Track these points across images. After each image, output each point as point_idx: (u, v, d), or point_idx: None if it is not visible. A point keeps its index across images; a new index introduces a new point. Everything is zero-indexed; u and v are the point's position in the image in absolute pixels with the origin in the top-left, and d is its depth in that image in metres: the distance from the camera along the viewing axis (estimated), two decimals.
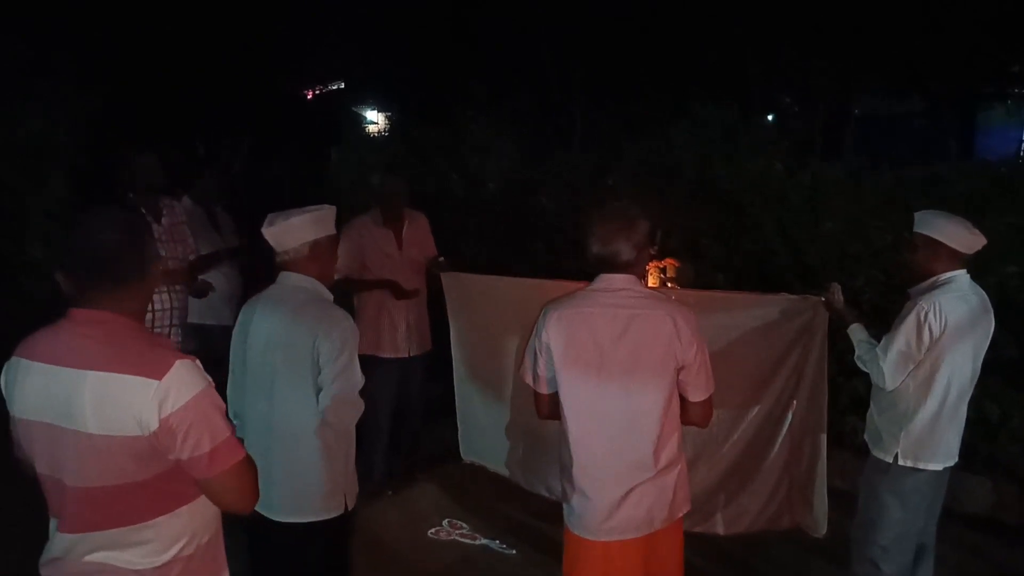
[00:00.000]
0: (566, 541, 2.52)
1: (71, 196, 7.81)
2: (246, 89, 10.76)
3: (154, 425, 1.62)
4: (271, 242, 2.61)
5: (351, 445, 2.74)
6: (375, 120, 12.84)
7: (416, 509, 4.49)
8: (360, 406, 2.64)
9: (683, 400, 2.43)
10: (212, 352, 3.58)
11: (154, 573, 1.71)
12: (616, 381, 2.35)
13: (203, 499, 1.78)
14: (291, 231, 2.60)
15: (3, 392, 1.77)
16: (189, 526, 1.76)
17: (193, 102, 9.69)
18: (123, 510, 1.68)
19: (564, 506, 2.52)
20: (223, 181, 5.35)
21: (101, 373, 1.63)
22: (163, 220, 4.09)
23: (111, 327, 1.69)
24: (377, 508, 4.42)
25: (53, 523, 1.76)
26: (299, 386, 2.55)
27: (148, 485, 1.68)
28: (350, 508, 2.73)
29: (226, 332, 4.47)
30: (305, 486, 2.61)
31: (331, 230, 2.70)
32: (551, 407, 2.52)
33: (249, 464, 1.78)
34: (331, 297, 2.69)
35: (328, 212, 2.69)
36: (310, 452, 2.59)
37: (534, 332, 2.49)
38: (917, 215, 3.01)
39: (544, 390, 2.51)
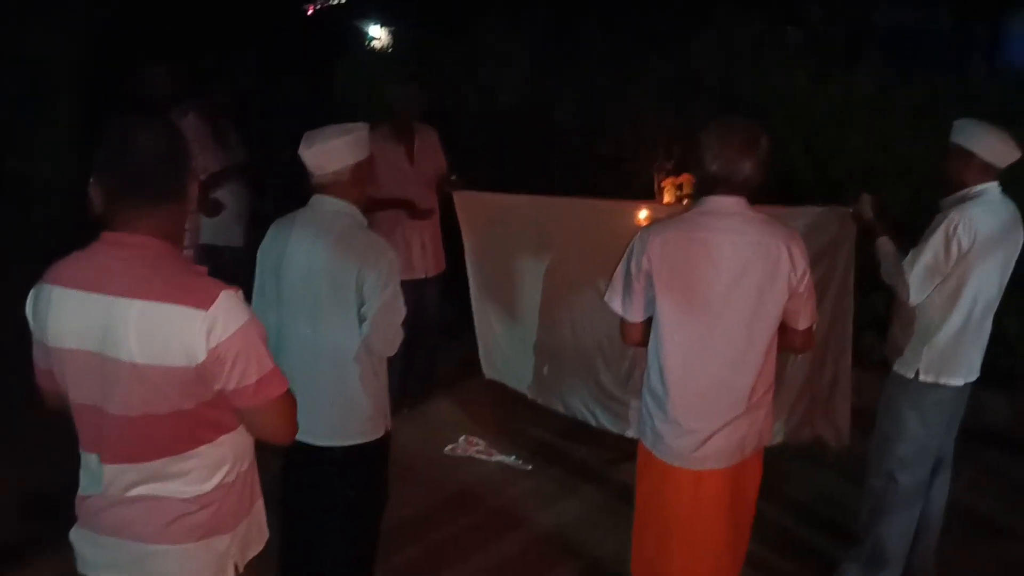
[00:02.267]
0: (647, 466, 2.48)
1: (79, 112, 7.71)
2: (248, 3, 10.45)
3: (202, 356, 1.58)
4: (309, 164, 2.50)
5: (386, 371, 2.73)
6: (378, 35, 12.46)
7: (432, 426, 4.54)
8: (402, 335, 2.61)
9: (785, 327, 2.35)
10: (222, 274, 3.57)
11: (198, 501, 1.70)
12: (732, 317, 2.26)
13: (242, 428, 1.77)
14: (333, 153, 2.48)
15: (31, 320, 1.71)
16: (230, 454, 1.75)
17: (198, 16, 9.44)
18: (167, 439, 1.66)
19: (644, 430, 2.46)
20: (229, 95, 5.21)
21: (146, 302, 1.57)
22: None
23: (151, 252, 1.63)
24: (394, 426, 4.44)
25: (89, 457, 1.73)
26: (344, 314, 2.51)
27: (192, 414, 1.65)
28: (388, 429, 2.75)
29: (235, 253, 4.46)
30: (351, 410, 2.61)
31: (369, 152, 2.60)
32: (643, 334, 2.43)
33: (290, 396, 1.77)
34: (366, 223, 2.62)
35: (365, 131, 2.58)
36: (356, 377, 2.58)
37: (627, 256, 2.36)
38: (955, 124, 2.90)
39: (638, 318, 2.40)
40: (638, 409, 2.57)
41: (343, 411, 2.60)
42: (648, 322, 2.41)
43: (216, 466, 1.73)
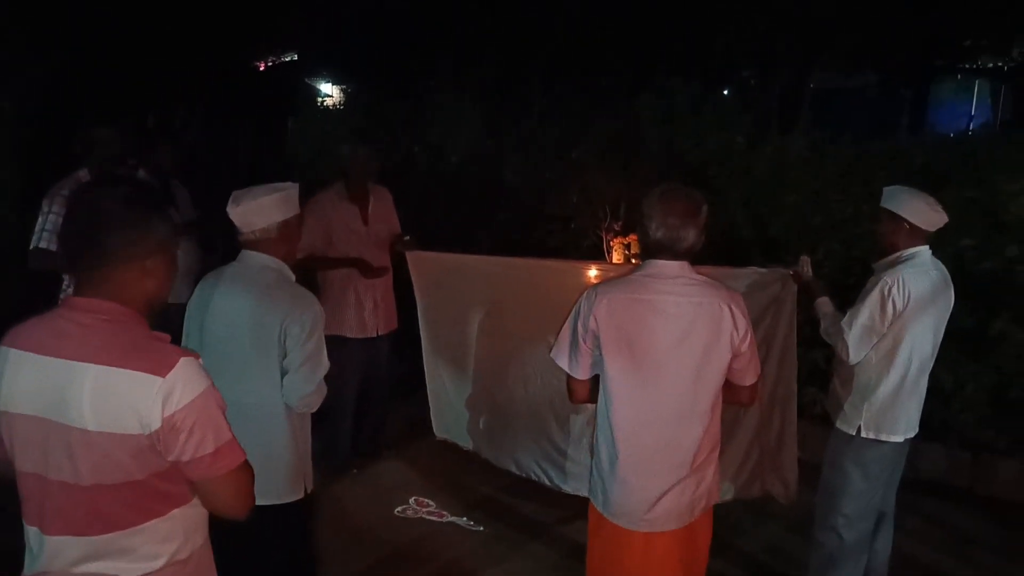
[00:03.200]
0: (598, 528, 2.48)
1: (16, 168, 7.54)
2: (197, 59, 10.45)
3: (156, 424, 1.55)
4: (237, 222, 2.51)
5: (308, 428, 2.70)
6: (330, 93, 12.58)
7: (382, 487, 4.46)
8: (324, 391, 2.59)
9: (731, 383, 2.39)
10: (171, 331, 3.50)
11: None
12: (677, 376, 2.29)
13: (195, 501, 1.71)
14: (260, 211, 2.50)
15: None
16: (180, 529, 1.69)
17: (144, 73, 9.39)
18: (115, 512, 1.60)
19: (595, 492, 2.47)
20: (177, 153, 5.20)
21: (101, 367, 1.54)
22: None
23: (110, 318, 1.59)
24: (343, 486, 4.39)
25: (30, 531, 1.66)
26: (267, 369, 2.49)
27: (142, 485, 1.60)
28: (309, 491, 2.71)
29: (183, 310, 4.39)
30: (271, 469, 2.54)
31: (297, 209, 2.62)
32: (590, 392, 2.45)
33: (248, 467, 1.72)
34: (294, 278, 2.62)
35: (294, 190, 2.61)
36: (278, 435, 2.55)
37: (573, 315, 2.39)
38: (885, 190, 3.04)
39: (584, 376, 2.42)
40: (589, 467, 2.58)
41: (263, 470, 2.55)
42: (595, 380, 2.43)
43: (165, 541, 1.66)
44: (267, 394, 2.51)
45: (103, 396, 1.54)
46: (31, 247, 3.92)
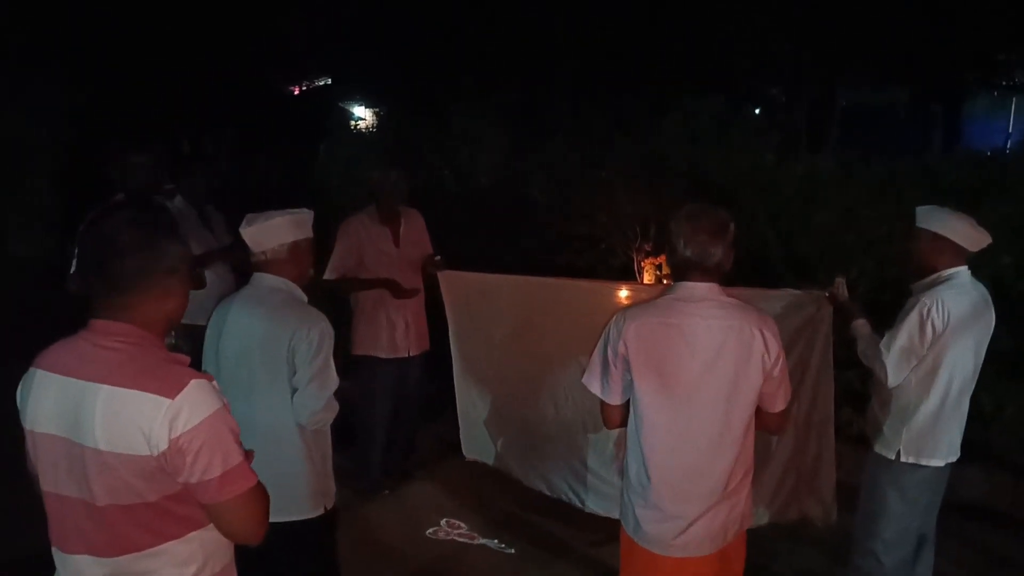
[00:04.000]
0: (630, 553, 2.45)
1: (54, 194, 7.72)
2: (232, 85, 10.65)
3: (164, 445, 1.56)
4: (249, 242, 2.59)
5: (327, 445, 2.73)
6: (363, 116, 12.74)
7: (414, 508, 4.47)
8: (335, 408, 2.63)
9: (760, 410, 2.37)
10: (200, 353, 3.55)
11: None
12: (708, 400, 2.27)
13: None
14: (271, 232, 2.59)
15: (19, 404, 1.71)
16: (200, 552, 1.69)
17: (178, 99, 9.57)
18: (131, 533, 1.62)
19: (626, 517, 2.45)
20: (211, 178, 5.29)
21: (113, 388, 1.57)
22: None
23: (129, 340, 1.62)
24: (374, 507, 4.39)
25: (55, 551, 1.69)
26: (278, 387, 2.54)
27: (157, 507, 1.61)
28: (328, 508, 2.73)
29: None
30: (284, 487, 2.57)
31: (309, 233, 2.71)
32: (622, 416, 2.44)
33: (260, 491, 1.71)
34: (305, 298, 2.69)
35: (307, 215, 2.70)
36: (290, 453, 2.59)
37: (603, 339, 2.39)
38: (919, 210, 3.00)
39: (617, 401, 2.41)
40: (620, 489, 2.57)
41: (276, 487, 2.57)
42: (627, 404, 2.42)
43: (184, 564, 1.67)
44: (278, 412, 2.56)
45: (113, 416, 1.57)
46: (71, 271, 4.01)
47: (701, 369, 2.26)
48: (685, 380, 2.27)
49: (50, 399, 1.63)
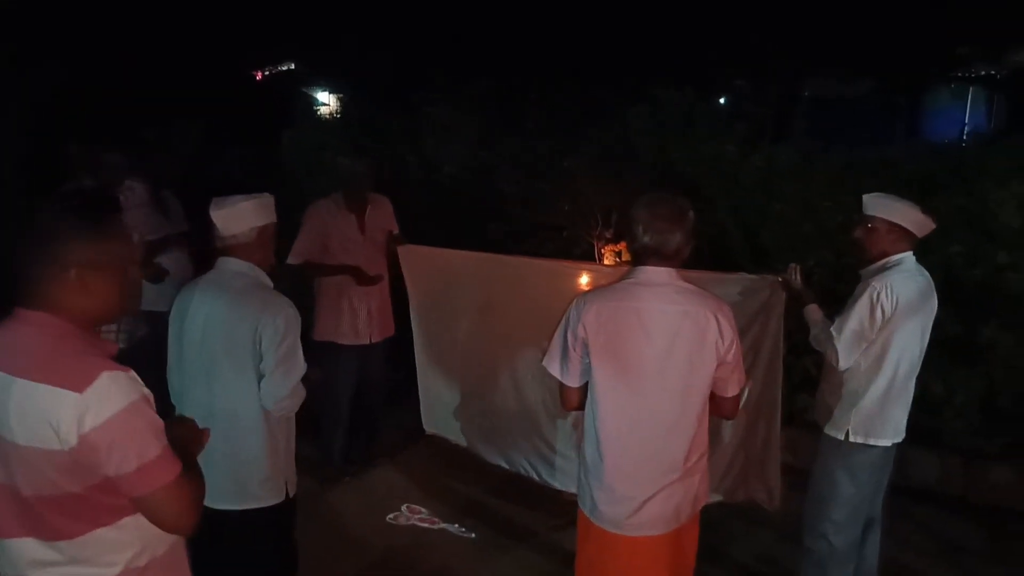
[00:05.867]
0: (585, 532, 2.50)
1: (18, 185, 7.57)
2: (195, 72, 10.48)
3: (73, 441, 1.52)
4: (219, 225, 2.58)
5: (291, 432, 2.74)
6: (326, 102, 12.61)
7: (375, 494, 4.48)
8: (302, 394, 2.63)
9: (713, 395, 2.42)
10: (163, 340, 3.51)
11: None
12: (662, 384, 2.32)
13: None
14: (240, 215, 2.59)
15: None
16: (137, 538, 1.67)
17: (141, 85, 9.42)
18: (59, 522, 1.59)
19: (583, 497, 2.49)
20: (172, 166, 5.23)
21: (24, 381, 1.53)
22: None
23: (48, 329, 1.58)
24: (336, 494, 4.40)
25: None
26: (241, 372, 2.53)
27: (83, 497, 1.58)
28: (291, 495, 2.73)
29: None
30: (246, 473, 2.59)
31: (274, 217, 2.71)
32: (581, 399, 2.48)
33: (183, 483, 1.66)
34: (271, 284, 2.68)
35: (270, 200, 2.71)
36: (252, 438, 2.58)
37: (564, 323, 2.43)
38: (867, 198, 3.07)
39: (575, 384, 2.45)
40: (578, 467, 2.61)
41: (237, 474, 2.58)
42: (586, 387, 2.46)
43: (119, 549, 1.65)
44: (241, 398, 2.55)
45: (25, 411, 1.53)
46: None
47: (657, 353, 2.30)
48: (641, 364, 2.32)
49: None
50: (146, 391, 1.63)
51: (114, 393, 1.54)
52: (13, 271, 1.63)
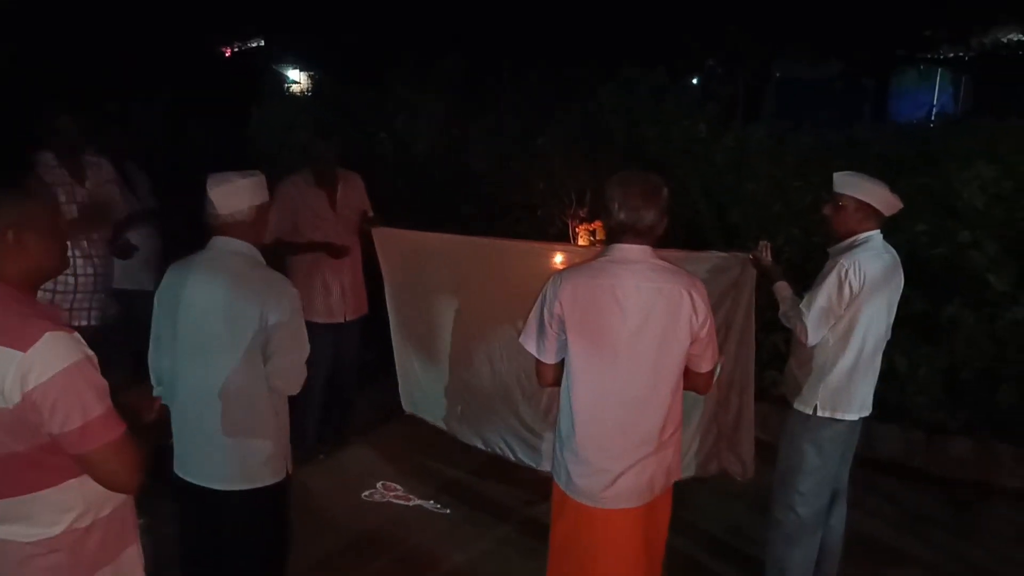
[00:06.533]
0: (561, 506, 2.53)
1: None
2: (161, 45, 10.28)
3: (16, 398, 1.55)
4: (217, 202, 2.52)
5: (287, 409, 2.73)
6: (297, 80, 12.46)
7: (349, 472, 4.48)
8: (305, 373, 2.63)
9: (688, 370, 2.46)
10: (133, 319, 3.46)
11: (45, 545, 1.67)
12: (636, 360, 2.35)
13: None
14: (238, 192, 2.53)
15: None
16: (80, 498, 1.71)
17: (106, 58, 9.22)
18: (3, 481, 1.63)
19: (558, 470, 2.52)
20: (133, 139, 5.14)
21: None
22: (87, 182, 3.92)
23: None
24: (310, 472, 4.39)
25: None
26: (243, 353, 2.49)
27: (27, 456, 1.62)
28: (289, 472, 2.73)
29: (146, 297, 4.37)
30: (251, 453, 2.58)
31: (268, 196, 2.67)
32: (556, 376, 2.50)
33: (129, 442, 1.70)
34: (265, 262, 2.65)
35: (263, 178, 2.66)
36: (257, 418, 2.57)
37: (540, 301, 2.45)
38: (837, 176, 3.11)
39: (551, 360, 2.47)
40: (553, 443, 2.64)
41: (242, 454, 2.57)
42: (561, 364, 2.49)
43: (62, 510, 1.69)
44: (248, 380, 2.52)
45: None
46: None
47: (631, 329, 2.33)
48: (615, 339, 2.35)
49: None
50: (90, 352, 1.67)
51: (58, 352, 1.58)
52: None
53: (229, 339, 2.49)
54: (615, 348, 2.35)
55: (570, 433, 2.45)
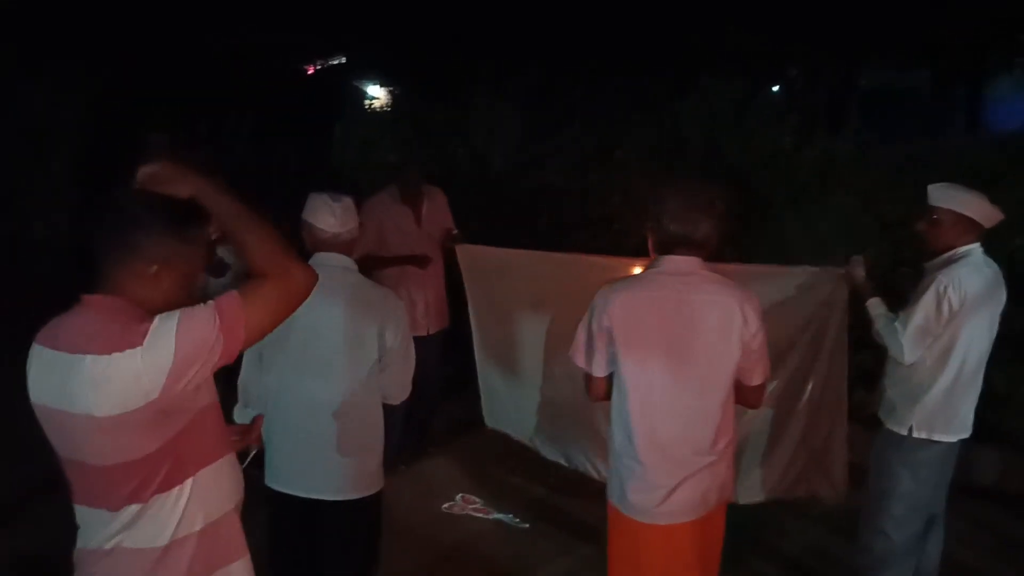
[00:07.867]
0: (615, 522, 2.53)
1: (75, 175, 7.81)
2: (248, 66, 10.68)
3: (158, 387, 1.59)
4: (339, 221, 2.65)
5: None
6: (377, 95, 12.74)
7: (430, 484, 4.54)
8: (411, 385, 2.79)
9: (738, 383, 2.44)
10: None
11: (164, 552, 1.70)
12: (687, 372, 2.34)
13: (211, 474, 1.77)
14: (351, 212, 2.70)
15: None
16: (199, 503, 1.75)
17: (197, 81, 9.62)
18: (134, 486, 1.67)
19: (612, 487, 2.52)
20: (222, 160, 5.35)
21: (92, 356, 1.60)
22: None
23: (111, 310, 1.66)
24: (390, 483, 4.42)
25: (80, 510, 1.76)
26: (360, 368, 2.62)
27: (156, 458, 1.66)
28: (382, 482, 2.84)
29: None
30: (361, 464, 2.70)
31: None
32: (606, 389, 2.50)
33: (257, 286, 1.69)
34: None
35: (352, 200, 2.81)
36: (370, 430, 2.70)
37: (589, 314, 2.45)
38: (932, 188, 3.01)
39: (601, 373, 2.47)
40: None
41: (353, 465, 2.68)
42: (611, 377, 2.48)
43: (174, 517, 1.72)
44: (363, 392, 2.65)
45: (100, 383, 1.59)
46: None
47: (682, 342, 2.33)
48: (667, 352, 2.34)
49: (41, 372, 1.68)
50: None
51: (166, 322, 1.61)
52: (88, 258, 1.70)
53: (347, 355, 2.60)
54: (666, 360, 2.34)
55: (625, 448, 2.44)
